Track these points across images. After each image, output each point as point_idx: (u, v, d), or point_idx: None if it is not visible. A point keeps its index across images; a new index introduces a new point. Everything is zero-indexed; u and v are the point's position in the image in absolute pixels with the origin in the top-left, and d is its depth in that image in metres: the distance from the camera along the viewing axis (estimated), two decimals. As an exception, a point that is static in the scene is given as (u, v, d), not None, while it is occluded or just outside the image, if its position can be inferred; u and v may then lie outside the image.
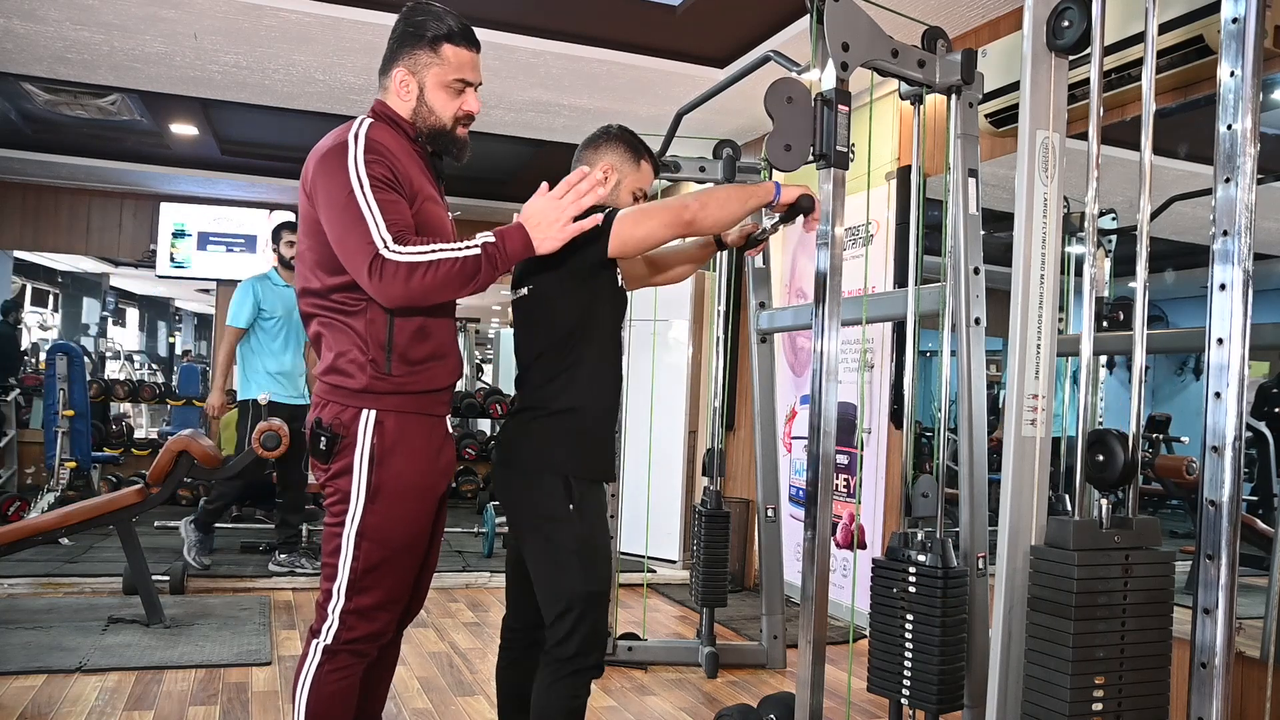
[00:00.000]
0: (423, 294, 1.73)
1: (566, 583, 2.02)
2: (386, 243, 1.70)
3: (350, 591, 1.83)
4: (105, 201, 7.74)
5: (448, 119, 1.90)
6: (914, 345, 2.65)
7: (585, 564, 2.03)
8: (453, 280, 1.72)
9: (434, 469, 1.92)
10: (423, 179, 1.88)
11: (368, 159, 1.75)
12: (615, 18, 4.04)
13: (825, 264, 2.13)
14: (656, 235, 1.96)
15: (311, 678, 1.86)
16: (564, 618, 2.02)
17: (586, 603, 2.02)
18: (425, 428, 1.89)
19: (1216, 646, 1.64)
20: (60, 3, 3.93)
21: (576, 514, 2.03)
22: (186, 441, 3.96)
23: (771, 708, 2.82)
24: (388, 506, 1.83)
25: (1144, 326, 1.82)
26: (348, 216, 1.73)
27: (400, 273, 1.69)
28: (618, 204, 2.21)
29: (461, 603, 4.64)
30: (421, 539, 1.93)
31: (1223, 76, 1.66)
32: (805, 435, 2.60)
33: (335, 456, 1.82)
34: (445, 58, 1.87)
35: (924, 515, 2.38)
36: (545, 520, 2.04)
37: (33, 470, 7.09)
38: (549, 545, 2.04)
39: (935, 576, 2.25)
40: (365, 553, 1.83)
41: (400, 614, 1.98)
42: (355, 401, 1.82)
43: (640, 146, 2.27)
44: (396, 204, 1.75)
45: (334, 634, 1.85)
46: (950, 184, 2.52)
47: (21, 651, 3.45)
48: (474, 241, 1.75)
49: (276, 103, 5.23)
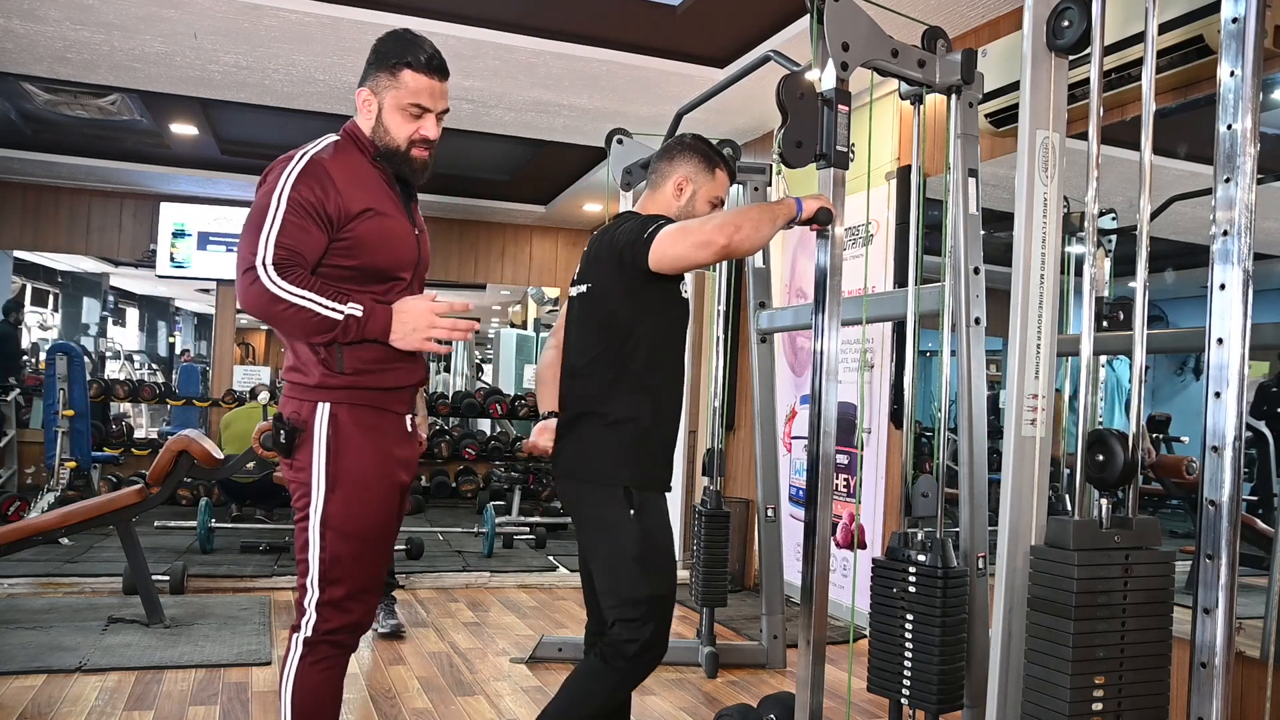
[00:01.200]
0: (273, 323, 1.84)
1: (629, 587, 2.08)
2: (266, 264, 1.79)
3: (322, 584, 1.89)
4: (105, 201, 7.74)
5: (401, 140, 1.95)
6: (914, 345, 2.65)
7: (647, 568, 2.09)
8: (306, 328, 1.83)
9: (391, 459, 1.95)
10: (377, 196, 1.93)
11: (298, 180, 1.84)
12: (615, 18, 4.04)
13: (825, 264, 2.13)
14: (692, 257, 1.99)
15: (295, 671, 1.90)
16: (629, 618, 2.08)
17: (649, 606, 2.08)
18: (380, 420, 1.94)
19: (1216, 646, 1.64)
20: (60, 3, 3.93)
21: (638, 520, 2.08)
22: (186, 441, 3.96)
23: (771, 708, 2.82)
24: (347, 496, 1.88)
25: (1144, 326, 1.82)
26: (253, 220, 1.84)
27: (264, 296, 1.79)
28: (693, 213, 2.24)
29: (461, 603, 4.64)
30: (386, 528, 1.97)
31: (1223, 76, 1.66)
32: (805, 435, 2.60)
33: (296, 450, 1.89)
34: (403, 82, 1.93)
35: (924, 515, 2.39)
36: (608, 527, 2.10)
37: (33, 470, 7.09)
38: (611, 550, 2.10)
39: (935, 576, 2.25)
40: (330, 543, 1.88)
41: (376, 604, 2.02)
42: (311, 396, 1.89)
43: (714, 155, 2.28)
44: (302, 229, 1.83)
45: (312, 626, 1.90)
46: (950, 184, 2.52)
47: (21, 651, 3.45)
48: (343, 307, 1.83)
49: (276, 103, 5.23)
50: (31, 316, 11.09)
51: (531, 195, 7.79)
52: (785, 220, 2.04)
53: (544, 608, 4.61)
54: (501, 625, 4.22)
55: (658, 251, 2.00)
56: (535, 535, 6.08)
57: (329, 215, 1.85)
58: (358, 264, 1.90)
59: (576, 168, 6.72)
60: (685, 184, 2.25)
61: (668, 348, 2.16)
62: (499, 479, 6.77)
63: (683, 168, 2.25)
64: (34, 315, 11.41)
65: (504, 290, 10.65)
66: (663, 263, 2.01)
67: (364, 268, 1.90)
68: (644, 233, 2.04)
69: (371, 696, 3.21)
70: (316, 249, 1.85)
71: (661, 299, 2.13)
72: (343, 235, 1.87)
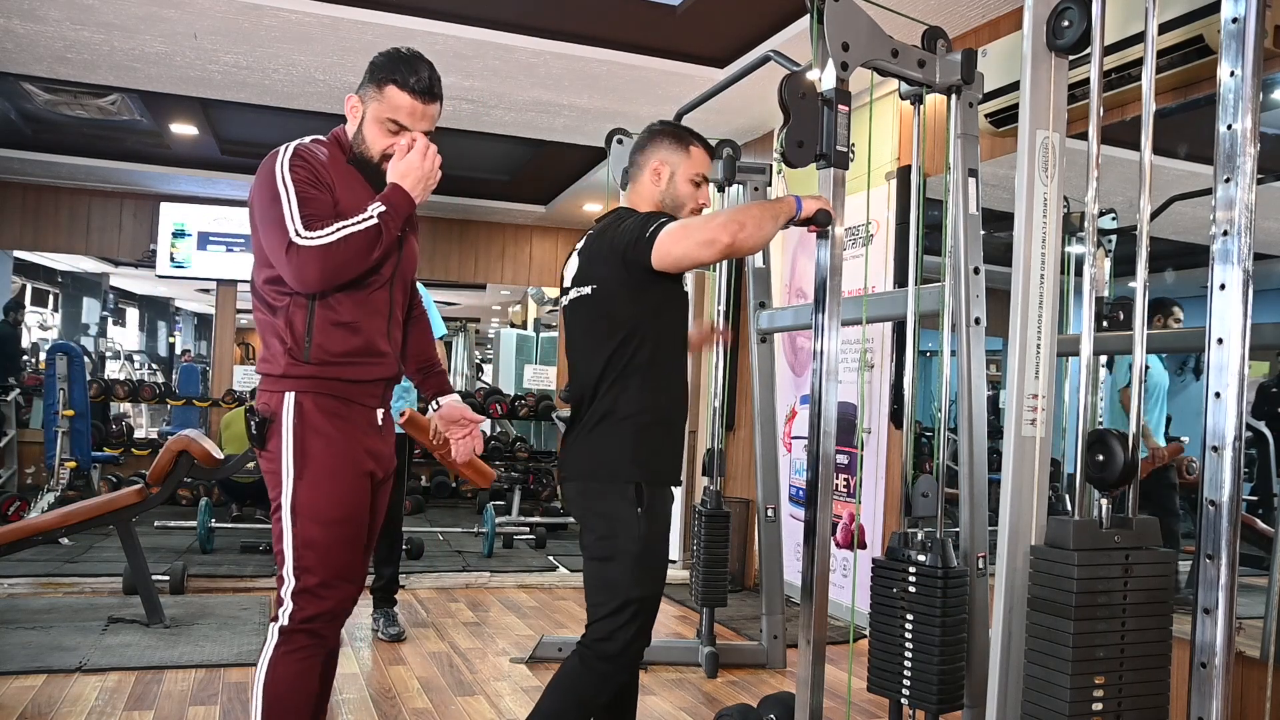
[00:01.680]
0: (336, 272, 1.86)
1: (623, 584, 2.07)
2: (298, 230, 1.83)
3: (297, 572, 1.90)
4: (105, 201, 7.74)
5: (375, 152, 1.99)
6: (914, 345, 2.65)
7: (644, 567, 2.09)
8: (361, 251, 1.86)
9: (359, 448, 1.96)
10: (356, 192, 1.95)
11: (292, 164, 1.90)
12: (615, 18, 4.04)
13: (825, 264, 2.13)
14: (696, 255, 1.99)
15: (269, 659, 1.91)
16: (614, 616, 2.07)
17: (640, 605, 2.07)
18: (347, 410, 1.96)
19: (1216, 646, 1.64)
20: (60, 3, 3.93)
21: (646, 518, 2.08)
22: (186, 441, 3.96)
23: (771, 708, 2.82)
24: (314, 481, 1.91)
25: (1144, 326, 1.82)
26: (271, 213, 1.87)
27: (314, 257, 1.83)
28: (676, 195, 2.25)
29: (461, 603, 4.63)
30: (357, 515, 1.98)
31: (1223, 76, 1.66)
32: (805, 435, 2.60)
33: (268, 440, 1.92)
34: (386, 97, 1.95)
35: (924, 515, 2.39)
36: (614, 524, 2.09)
37: (33, 470, 7.09)
38: (613, 548, 2.09)
39: (935, 576, 2.25)
40: (301, 529, 1.90)
41: (355, 594, 2.02)
42: (279, 386, 1.93)
43: (685, 133, 2.29)
44: (315, 198, 1.87)
45: (288, 615, 1.91)
46: (950, 184, 2.52)
47: (21, 651, 3.45)
48: (371, 211, 1.88)
49: (276, 103, 5.23)
50: (31, 316, 11.10)
51: (531, 195, 7.79)
52: (786, 219, 2.04)
53: (544, 608, 4.61)
54: (501, 625, 4.22)
55: (661, 250, 2.00)
56: (535, 535, 6.08)
57: (327, 183, 1.92)
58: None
59: (576, 168, 6.72)
60: (661, 167, 2.25)
61: (672, 343, 2.17)
62: (499, 479, 6.77)
63: (656, 153, 2.26)
64: (34, 315, 11.41)
65: (504, 290, 10.66)
66: (666, 261, 2.00)
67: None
68: (645, 231, 2.03)
69: (371, 696, 3.21)
70: (331, 209, 1.89)
71: (664, 296, 2.14)
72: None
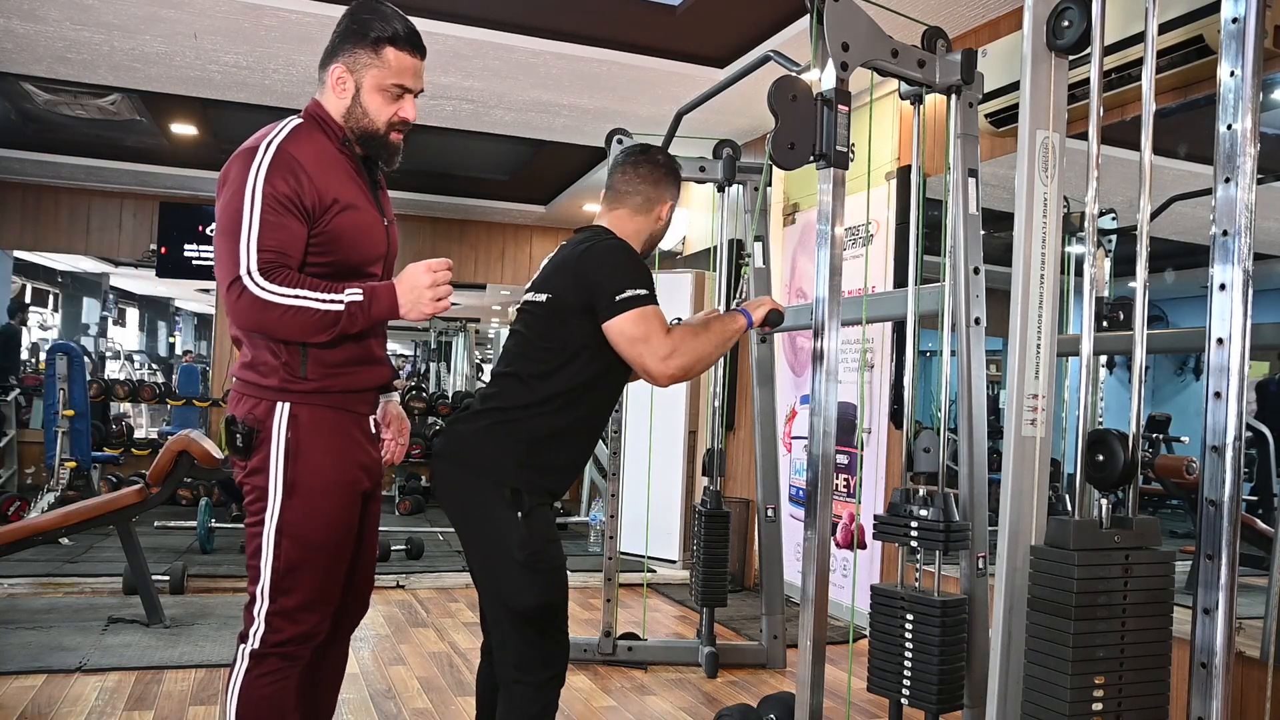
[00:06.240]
0: (273, 331, 1.73)
1: (516, 595, 1.95)
2: (250, 270, 1.69)
3: (274, 593, 1.78)
4: (105, 201, 7.74)
5: (381, 123, 1.84)
6: (914, 345, 2.65)
7: (534, 574, 1.96)
8: (309, 328, 1.72)
9: (353, 463, 1.86)
10: (346, 186, 1.83)
11: (269, 173, 1.72)
12: (615, 18, 4.04)
13: (825, 264, 2.13)
14: (641, 364, 1.96)
15: (240, 684, 1.80)
16: (511, 632, 1.98)
17: (536, 614, 1.96)
18: (343, 422, 1.85)
19: (1216, 646, 1.63)
20: (60, 3, 3.93)
21: (525, 523, 1.95)
22: (186, 441, 3.96)
23: (771, 708, 2.82)
24: (306, 502, 1.79)
25: (1144, 326, 1.82)
26: (227, 226, 1.72)
27: (257, 307, 1.69)
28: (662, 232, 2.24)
29: (461, 603, 4.63)
30: (345, 537, 1.87)
31: (1223, 76, 1.65)
32: (805, 435, 2.60)
33: (253, 452, 1.78)
34: (386, 60, 1.80)
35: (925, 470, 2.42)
36: (493, 526, 1.96)
37: (33, 470, 7.09)
38: (496, 550, 1.97)
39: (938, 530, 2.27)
40: (285, 551, 1.78)
41: (331, 614, 1.89)
42: (269, 396, 1.78)
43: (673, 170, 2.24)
44: (282, 227, 1.72)
45: (260, 637, 1.80)
46: (950, 184, 2.52)
47: (21, 651, 3.45)
48: (341, 296, 1.73)
49: (276, 103, 5.23)
50: (32, 316, 11.10)
51: (531, 195, 7.79)
52: (737, 337, 2.13)
53: (544, 608, 4.61)
54: (501, 625, 4.22)
55: (615, 330, 1.94)
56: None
57: (306, 208, 1.74)
58: (330, 260, 1.80)
59: (576, 168, 6.72)
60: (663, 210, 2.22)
61: (607, 379, 2.07)
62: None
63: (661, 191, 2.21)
64: (34, 315, 11.42)
65: (504, 290, 10.64)
66: (614, 340, 1.96)
67: (337, 264, 1.80)
68: (614, 294, 1.94)
69: (371, 696, 3.20)
70: (300, 245, 1.74)
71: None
72: (316, 230, 1.77)
